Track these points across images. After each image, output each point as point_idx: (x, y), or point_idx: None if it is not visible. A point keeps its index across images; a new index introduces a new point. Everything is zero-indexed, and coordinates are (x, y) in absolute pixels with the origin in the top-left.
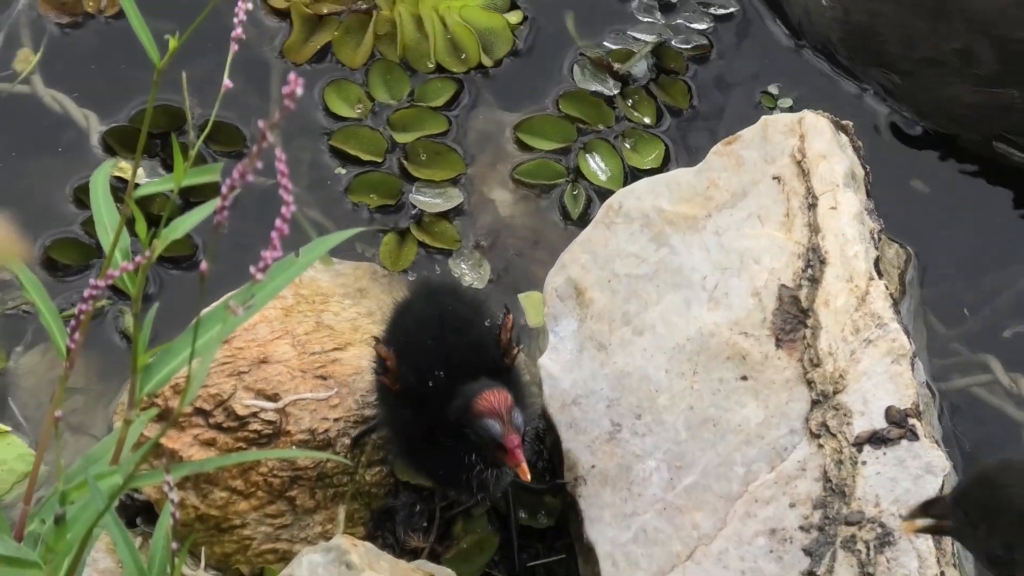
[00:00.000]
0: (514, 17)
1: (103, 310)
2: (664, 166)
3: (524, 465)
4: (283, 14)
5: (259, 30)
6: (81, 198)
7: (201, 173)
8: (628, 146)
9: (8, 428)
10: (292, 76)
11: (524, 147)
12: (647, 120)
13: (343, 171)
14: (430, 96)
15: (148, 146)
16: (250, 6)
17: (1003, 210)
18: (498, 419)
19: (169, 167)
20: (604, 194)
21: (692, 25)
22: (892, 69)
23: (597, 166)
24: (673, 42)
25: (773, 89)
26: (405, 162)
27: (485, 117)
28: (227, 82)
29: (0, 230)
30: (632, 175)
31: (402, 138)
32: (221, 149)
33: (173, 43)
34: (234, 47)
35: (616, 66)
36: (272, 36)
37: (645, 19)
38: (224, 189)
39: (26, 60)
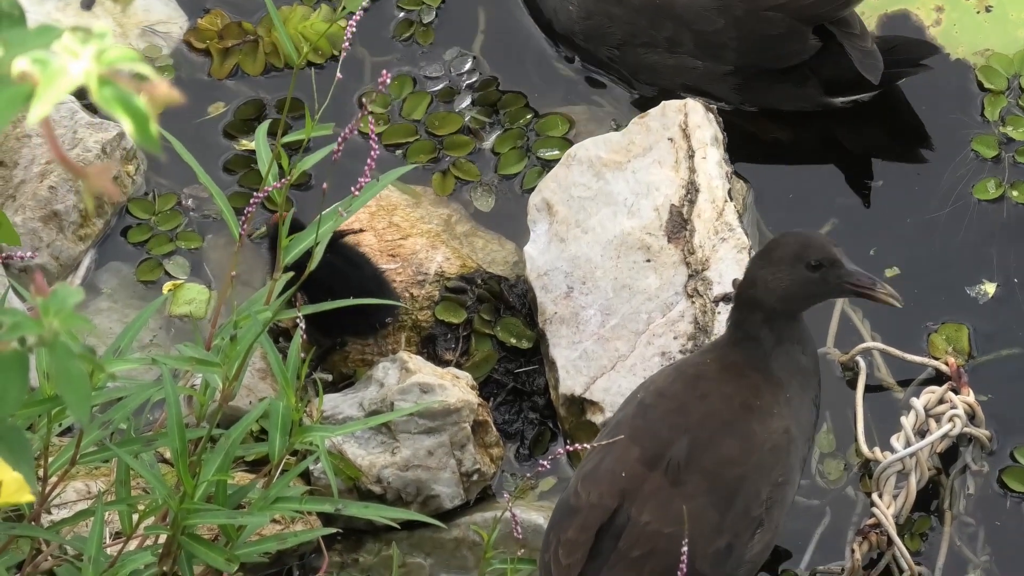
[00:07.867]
0: (343, 22)
1: (264, 233)
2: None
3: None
4: (204, 51)
5: (188, 61)
6: (229, 168)
7: (321, 129)
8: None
9: (184, 280)
10: (384, 72)
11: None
12: None
13: None
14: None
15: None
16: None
17: (819, 153)
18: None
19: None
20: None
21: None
22: (616, 48)
23: None
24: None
25: None
26: None
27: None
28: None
29: (161, 85)
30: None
31: None
32: (292, 114)
33: (300, 62)
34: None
35: None
36: (200, 65)
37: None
38: (339, 139)
39: (216, 108)
